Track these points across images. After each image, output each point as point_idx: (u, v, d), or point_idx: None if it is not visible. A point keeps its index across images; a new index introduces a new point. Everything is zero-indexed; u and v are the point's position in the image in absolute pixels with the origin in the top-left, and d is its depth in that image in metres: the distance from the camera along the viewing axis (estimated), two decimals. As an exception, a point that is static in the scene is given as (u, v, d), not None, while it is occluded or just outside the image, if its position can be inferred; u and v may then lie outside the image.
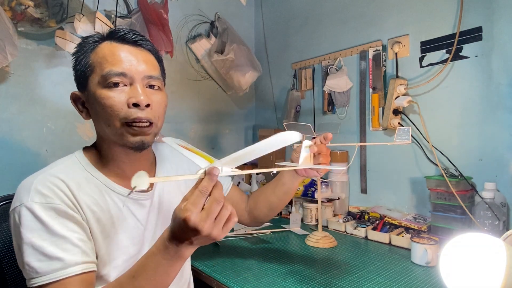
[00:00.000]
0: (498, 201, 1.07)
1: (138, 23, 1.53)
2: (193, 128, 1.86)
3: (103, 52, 0.70)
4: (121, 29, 0.73)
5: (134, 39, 0.72)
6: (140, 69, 0.70)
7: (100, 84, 0.68)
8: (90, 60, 0.70)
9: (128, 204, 0.75)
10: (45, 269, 0.61)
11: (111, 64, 0.68)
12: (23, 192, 0.65)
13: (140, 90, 0.69)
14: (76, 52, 0.72)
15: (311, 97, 1.78)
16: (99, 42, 0.72)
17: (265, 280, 0.92)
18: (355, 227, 1.33)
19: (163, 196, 0.83)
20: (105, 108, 0.67)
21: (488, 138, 1.17)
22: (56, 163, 0.73)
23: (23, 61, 1.31)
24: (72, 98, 0.74)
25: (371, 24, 1.50)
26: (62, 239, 0.63)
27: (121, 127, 0.68)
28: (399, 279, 0.92)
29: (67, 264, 0.62)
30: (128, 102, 0.68)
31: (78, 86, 0.74)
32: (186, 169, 0.91)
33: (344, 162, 1.53)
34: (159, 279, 0.60)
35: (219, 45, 1.83)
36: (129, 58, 0.70)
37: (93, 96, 0.69)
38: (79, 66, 0.71)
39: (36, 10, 1.23)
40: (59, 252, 0.62)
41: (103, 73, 0.68)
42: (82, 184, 0.69)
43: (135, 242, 0.76)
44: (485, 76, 1.17)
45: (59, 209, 0.64)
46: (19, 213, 0.63)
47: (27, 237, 0.61)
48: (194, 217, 0.53)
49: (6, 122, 1.28)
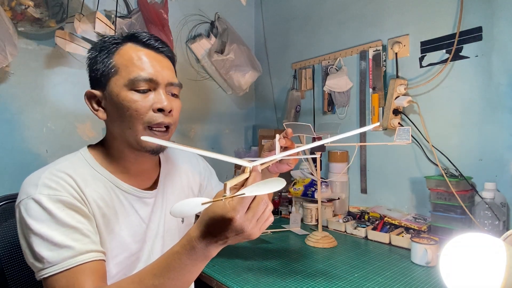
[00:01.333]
0: (498, 201, 1.07)
1: (138, 23, 1.53)
2: (193, 128, 1.86)
3: (129, 54, 0.71)
4: (143, 33, 0.74)
5: (157, 45, 0.74)
6: (164, 76, 0.72)
7: (126, 86, 0.69)
8: (114, 61, 0.70)
9: (132, 202, 0.76)
10: (56, 258, 0.60)
11: (138, 69, 0.69)
12: (30, 186, 0.65)
13: (163, 96, 0.71)
14: (94, 52, 0.73)
15: (311, 97, 1.78)
16: (122, 44, 0.72)
17: (265, 280, 0.92)
18: (355, 227, 1.33)
19: (166, 195, 0.84)
20: (130, 110, 0.69)
21: (488, 138, 1.17)
22: (61, 160, 0.73)
23: (23, 61, 1.31)
24: (87, 96, 0.74)
25: (371, 24, 1.50)
26: (71, 229, 0.63)
27: (143, 131, 0.70)
28: (399, 279, 0.92)
29: (77, 252, 0.62)
30: (153, 107, 0.70)
31: (95, 85, 0.73)
32: (187, 170, 0.92)
33: (344, 162, 1.53)
34: (182, 278, 0.58)
35: (219, 45, 1.84)
36: (155, 64, 0.71)
37: (116, 97, 0.69)
38: (99, 66, 0.71)
39: (36, 10, 1.23)
40: (68, 241, 0.62)
41: (131, 77, 0.69)
42: (88, 180, 0.70)
43: (137, 239, 0.76)
44: (485, 76, 1.17)
45: (67, 201, 0.65)
46: (26, 205, 0.63)
47: (36, 228, 0.61)
48: (240, 217, 0.51)
49: (6, 122, 1.28)
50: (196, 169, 0.96)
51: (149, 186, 0.81)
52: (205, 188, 0.98)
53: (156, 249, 0.81)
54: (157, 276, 0.57)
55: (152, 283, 0.57)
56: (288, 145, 0.84)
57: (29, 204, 0.63)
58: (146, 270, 0.60)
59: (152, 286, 0.57)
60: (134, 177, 0.77)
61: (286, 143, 0.84)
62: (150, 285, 0.57)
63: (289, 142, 0.84)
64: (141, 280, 0.59)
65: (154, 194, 0.81)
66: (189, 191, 0.92)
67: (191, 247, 0.56)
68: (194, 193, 0.94)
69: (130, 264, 0.75)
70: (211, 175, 1.01)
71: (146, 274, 0.59)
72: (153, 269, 0.59)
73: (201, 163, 1.00)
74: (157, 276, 0.57)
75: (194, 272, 0.59)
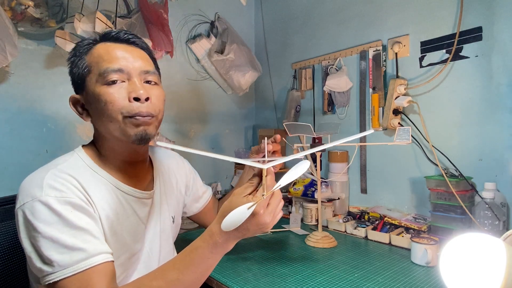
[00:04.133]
0: (498, 201, 1.07)
1: (138, 23, 1.53)
2: (193, 128, 1.86)
3: (98, 52, 0.72)
4: (113, 30, 0.75)
5: (126, 37, 0.75)
6: (136, 65, 0.72)
7: (99, 82, 0.69)
8: (86, 61, 0.72)
9: (131, 203, 0.76)
10: (68, 261, 0.60)
11: (107, 62, 0.70)
12: (34, 188, 0.63)
13: (138, 84, 0.71)
14: (71, 57, 0.75)
15: (311, 97, 1.78)
16: (93, 44, 0.74)
17: (265, 280, 0.92)
18: (355, 227, 1.33)
19: (162, 195, 0.85)
20: (107, 104, 0.68)
21: (488, 138, 1.17)
22: (59, 160, 0.72)
23: (23, 61, 1.31)
24: (72, 102, 0.75)
25: (371, 24, 1.50)
26: (80, 231, 0.62)
27: (123, 120, 0.69)
28: (399, 279, 0.92)
29: (89, 254, 0.61)
30: (129, 96, 0.69)
31: (76, 89, 0.75)
32: (175, 170, 0.94)
33: (344, 162, 1.53)
34: (202, 271, 0.63)
35: (219, 45, 1.83)
36: (124, 55, 0.71)
37: (92, 95, 0.70)
38: (75, 69, 0.73)
39: (36, 10, 1.23)
40: (80, 243, 0.61)
41: (100, 71, 0.69)
42: (91, 181, 0.70)
43: (137, 239, 0.77)
44: (485, 76, 1.17)
45: (75, 203, 0.64)
46: (31, 208, 0.61)
47: (44, 231, 0.60)
48: (263, 211, 0.59)
49: (6, 122, 1.28)
50: (182, 170, 0.98)
51: (145, 187, 0.82)
52: (191, 189, 1.01)
53: (155, 249, 0.81)
54: (180, 270, 0.62)
55: (176, 278, 0.61)
56: (276, 149, 0.91)
57: (36, 206, 0.61)
58: (168, 266, 0.63)
59: (176, 281, 0.61)
60: (131, 178, 0.78)
61: (274, 148, 0.90)
62: (174, 279, 0.61)
63: (277, 147, 0.90)
64: (164, 276, 0.62)
65: (152, 194, 0.82)
66: (178, 191, 0.94)
67: (214, 241, 0.61)
68: (182, 194, 0.96)
69: (131, 264, 0.75)
70: (195, 176, 1.03)
71: (168, 269, 0.62)
72: (175, 264, 0.63)
73: (186, 165, 1.02)
74: (180, 270, 0.62)
75: (213, 265, 0.65)
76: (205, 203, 1.06)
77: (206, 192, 1.07)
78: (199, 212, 1.05)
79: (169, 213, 0.88)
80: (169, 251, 0.89)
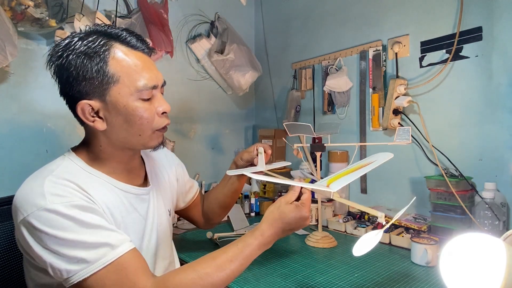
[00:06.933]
0: (498, 201, 1.07)
1: (138, 23, 1.53)
2: (193, 128, 1.86)
3: (125, 61, 0.68)
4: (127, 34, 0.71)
5: (143, 47, 0.73)
6: (160, 78, 0.74)
7: (133, 96, 0.69)
8: (112, 68, 0.67)
9: (131, 200, 0.78)
10: (95, 256, 0.60)
11: (142, 77, 0.69)
12: (34, 198, 0.62)
13: (162, 97, 0.75)
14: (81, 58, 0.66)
15: (311, 97, 1.78)
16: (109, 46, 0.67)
17: (265, 280, 0.92)
18: (355, 227, 1.33)
19: (157, 190, 0.88)
20: (142, 119, 0.70)
21: (488, 138, 1.17)
22: (52, 166, 0.70)
23: (23, 61, 1.31)
24: (82, 109, 0.68)
25: (371, 24, 1.50)
26: (97, 228, 0.63)
27: (151, 134, 0.73)
28: (399, 279, 0.92)
29: (114, 245, 0.63)
30: (157, 111, 0.73)
31: (87, 94, 0.68)
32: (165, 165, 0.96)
33: (344, 162, 1.53)
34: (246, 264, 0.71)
35: (219, 45, 1.83)
36: (152, 68, 0.73)
37: (124, 108, 0.68)
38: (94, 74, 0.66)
39: (36, 10, 1.23)
40: (101, 239, 0.62)
41: (138, 87, 0.69)
42: (88, 183, 0.69)
43: (138, 236, 0.78)
44: (485, 76, 1.17)
45: (81, 205, 0.64)
46: (39, 217, 0.60)
47: (63, 236, 0.60)
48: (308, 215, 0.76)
49: (6, 122, 1.28)
50: (172, 164, 0.99)
51: (141, 183, 0.83)
52: (181, 182, 1.01)
53: (152, 242, 0.83)
54: (233, 262, 0.69)
55: (230, 268, 0.68)
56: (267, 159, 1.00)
57: (44, 215, 0.60)
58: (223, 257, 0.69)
59: (229, 270, 0.68)
60: (126, 176, 0.79)
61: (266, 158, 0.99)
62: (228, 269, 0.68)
63: (266, 158, 1.00)
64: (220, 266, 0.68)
65: (149, 190, 0.83)
66: (171, 184, 0.96)
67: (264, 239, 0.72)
68: (174, 186, 0.98)
69: None
70: (183, 170, 1.04)
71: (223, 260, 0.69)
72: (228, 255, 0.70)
73: (175, 159, 1.03)
74: (233, 262, 0.69)
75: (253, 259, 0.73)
76: (193, 198, 1.06)
77: (193, 186, 1.07)
78: (187, 207, 1.06)
79: (165, 207, 0.89)
80: (168, 244, 0.90)
